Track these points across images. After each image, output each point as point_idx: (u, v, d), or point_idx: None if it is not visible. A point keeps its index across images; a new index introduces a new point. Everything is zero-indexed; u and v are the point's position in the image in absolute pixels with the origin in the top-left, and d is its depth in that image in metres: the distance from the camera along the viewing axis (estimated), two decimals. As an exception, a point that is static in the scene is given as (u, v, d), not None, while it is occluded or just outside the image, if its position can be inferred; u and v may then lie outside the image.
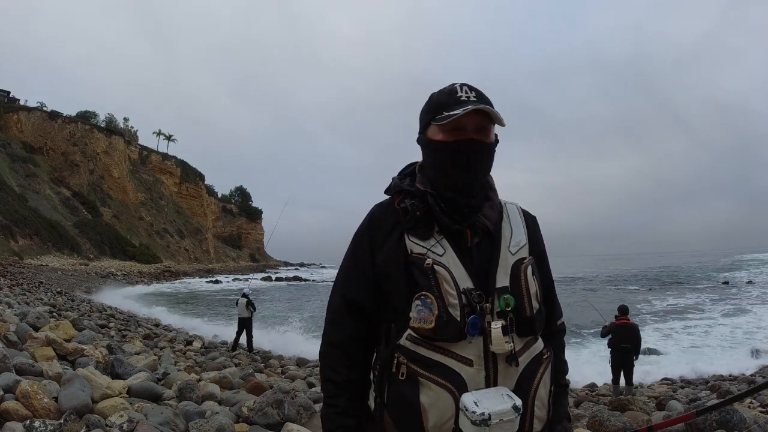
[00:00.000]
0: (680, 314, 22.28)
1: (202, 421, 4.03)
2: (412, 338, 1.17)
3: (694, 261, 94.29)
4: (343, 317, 1.31)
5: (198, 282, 53.82)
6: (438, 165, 1.25)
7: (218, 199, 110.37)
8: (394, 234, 1.25)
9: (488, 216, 1.26)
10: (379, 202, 1.35)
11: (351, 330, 1.29)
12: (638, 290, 37.05)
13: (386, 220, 1.28)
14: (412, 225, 1.22)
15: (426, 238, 1.20)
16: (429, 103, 1.29)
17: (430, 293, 1.14)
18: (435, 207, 1.22)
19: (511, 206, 1.35)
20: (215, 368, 8.82)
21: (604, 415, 5.09)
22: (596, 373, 11.98)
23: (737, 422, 4.39)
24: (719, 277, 45.82)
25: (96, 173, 75.06)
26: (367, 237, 1.30)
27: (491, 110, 1.20)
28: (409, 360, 1.16)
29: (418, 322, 1.15)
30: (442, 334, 1.13)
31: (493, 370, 1.14)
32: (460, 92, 1.22)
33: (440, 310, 1.12)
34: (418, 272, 1.17)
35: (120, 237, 67.88)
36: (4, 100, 74.47)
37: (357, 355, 1.29)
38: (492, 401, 1.08)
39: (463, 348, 1.13)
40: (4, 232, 44.85)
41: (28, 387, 3.61)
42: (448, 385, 1.11)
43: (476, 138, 1.22)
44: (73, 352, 5.67)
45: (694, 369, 12.10)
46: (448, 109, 1.20)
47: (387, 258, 1.24)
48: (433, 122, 1.23)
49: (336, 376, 1.29)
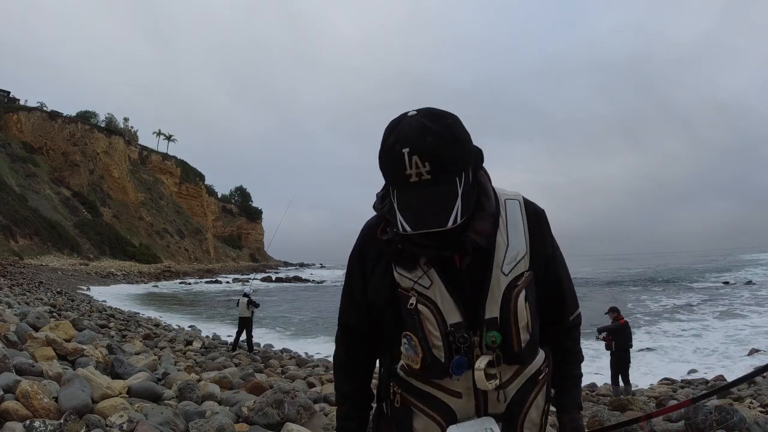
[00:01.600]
0: (679, 314, 22.28)
1: (202, 421, 4.03)
2: (404, 369, 1.20)
3: (694, 261, 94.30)
4: (341, 338, 1.37)
5: (198, 282, 53.85)
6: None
7: (218, 199, 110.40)
8: (381, 262, 1.21)
9: (479, 230, 1.11)
10: (369, 221, 1.28)
11: (349, 351, 1.36)
12: (635, 290, 37.04)
13: (372, 248, 1.23)
14: (395, 258, 1.15)
15: (412, 269, 1.14)
16: (381, 157, 1.08)
17: (414, 334, 1.13)
18: (413, 247, 1.11)
19: (512, 203, 1.20)
20: (215, 368, 8.82)
21: (604, 415, 5.09)
22: (592, 373, 12.00)
23: (737, 422, 4.39)
24: (719, 276, 45.84)
25: (96, 173, 75.08)
26: (357, 262, 1.29)
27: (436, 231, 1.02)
28: (403, 390, 1.20)
29: (405, 359, 1.17)
30: (429, 374, 1.15)
31: (483, 399, 1.15)
32: (409, 168, 1.02)
33: (424, 352, 1.12)
34: (404, 310, 1.14)
35: (120, 237, 67.90)
36: (4, 100, 74.49)
37: (356, 373, 1.36)
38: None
39: (450, 383, 1.14)
40: (4, 232, 44.86)
41: (28, 387, 3.61)
42: (436, 416, 1.16)
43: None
44: (73, 352, 5.67)
45: (694, 369, 12.11)
46: (399, 191, 1.05)
47: (375, 289, 1.23)
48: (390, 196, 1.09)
49: (341, 387, 1.38)
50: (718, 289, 33.86)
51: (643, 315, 22.21)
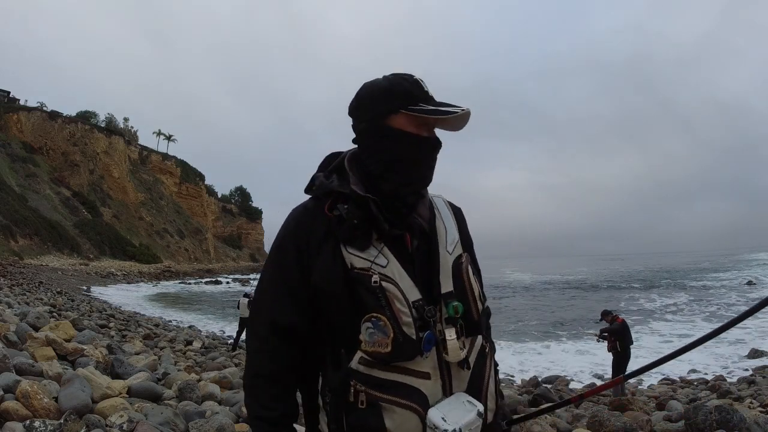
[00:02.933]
0: (679, 314, 22.27)
1: (202, 421, 4.03)
2: (365, 361, 1.08)
3: (695, 261, 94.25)
4: (273, 346, 1.15)
5: (198, 282, 53.81)
6: (401, 158, 1.14)
7: (218, 199, 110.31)
8: (326, 245, 1.12)
9: (423, 215, 1.19)
10: (303, 205, 1.21)
11: (283, 359, 1.15)
12: (633, 290, 37.02)
13: (315, 226, 1.14)
14: (348, 235, 1.09)
15: (365, 248, 1.09)
16: (391, 88, 1.15)
17: (382, 314, 1.06)
18: (379, 216, 1.10)
19: (438, 200, 1.28)
20: (215, 368, 8.81)
21: (604, 415, 5.09)
22: (592, 373, 12.01)
23: (737, 422, 4.39)
24: (719, 276, 45.84)
25: (96, 173, 75.04)
26: (293, 250, 1.15)
27: (469, 117, 1.15)
28: (367, 386, 1.07)
29: (371, 345, 1.06)
30: (399, 356, 1.07)
31: (448, 377, 1.12)
32: (424, 86, 1.17)
33: (395, 332, 1.05)
34: (364, 291, 1.07)
35: (120, 237, 67.87)
36: (4, 100, 74.45)
37: (291, 386, 1.17)
38: (458, 413, 1.07)
39: (419, 363, 1.08)
40: (4, 232, 44.85)
41: (28, 387, 3.60)
42: (411, 404, 1.07)
43: (435, 137, 1.19)
44: (73, 352, 5.67)
45: (694, 369, 12.11)
46: (423, 102, 1.13)
47: (323, 275, 1.11)
48: (405, 111, 1.12)
49: (269, 413, 1.14)
50: (720, 289, 33.84)
51: (643, 315, 22.20)
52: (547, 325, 20.26)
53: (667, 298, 29.75)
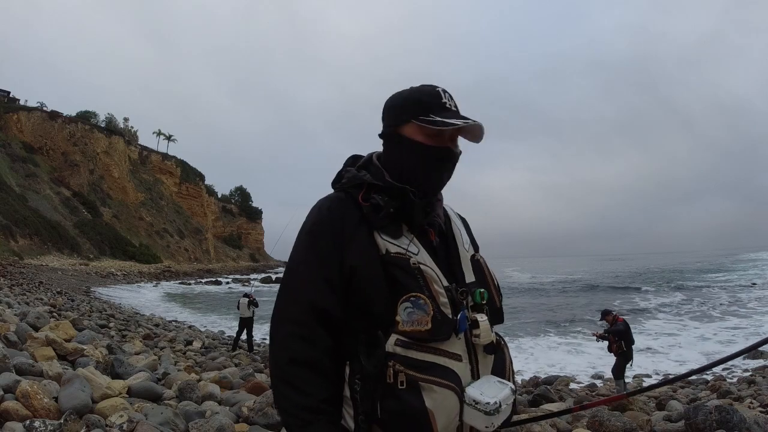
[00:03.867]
0: (679, 314, 22.27)
1: (202, 421, 4.03)
2: (402, 343, 1.10)
3: (694, 261, 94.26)
4: (313, 330, 1.14)
5: (198, 282, 53.77)
6: (416, 167, 1.23)
7: (218, 199, 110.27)
8: (360, 232, 1.17)
9: (440, 215, 1.30)
10: (333, 196, 1.25)
11: (323, 343, 1.14)
12: (629, 289, 36.99)
13: (349, 216, 1.18)
14: (384, 223, 1.17)
15: (398, 237, 1.17)
16: (408, 98, 1.23)
17: (422, 294, 1.12)
18: (417, 204, 1.20)
19: (448, 208, 1.39)
20: (215, 368, 8.82)
21: (604, 415, 5.09)
22: (591, 373, 11.99)
23: (737, 422, 4.39)
24: (719, 277, 45.81)
25: (96, 173, 75.03)
26: (329, 235, 1.17)
27: (483, 129, 1.22)
28: (406, 367, 1.09)
29: (410, 325, 1.10)
30: (438, 333, 1.12)
31: (476, 362, 1.19)
32: (444, 98, 1.22)
33: (434, 311, 1.12)
34: (402, 273, 1.13)
35: (120, 237, 67.87)
36: (4, 100, 74.41)
37: (331, 372, 1.15)
38: (493, 389, 1.15)
39: (452, 345, 1.15)
40: (4, 232, 44.84)
41: (28, 387, 3.61)
42: (450, 384, 1.11)
43: (452, 148, 1.24)
44: (73, 352, 5.67)
45: (693, 368, 12.07)
46: (435, 113, 1.19)
47: (361, 258, 1.14)
48: (416, 121, 1.20)
49: (308, 400, 1.11)
50: (714, 289, 33.80)
51: (635, 314, 22.19)
52: (547, 324, 20.25)
53: (662, 297, 29.75)
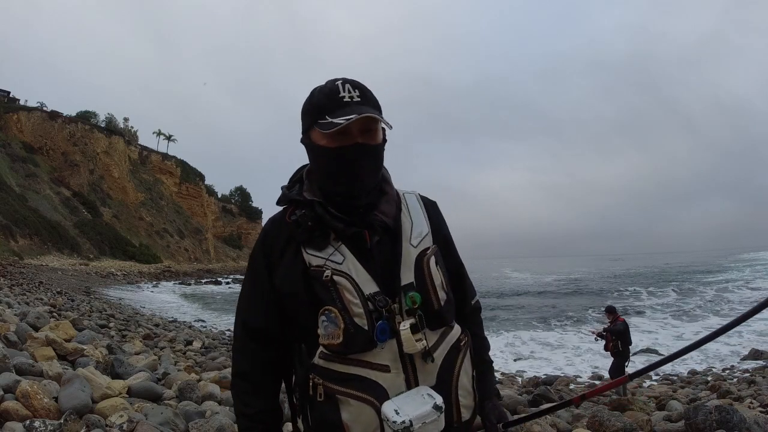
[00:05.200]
0: (678, 314, 22.27)
1: (202, 421, 4.03)
2: (324, 355, 1.13)
3: (694, 261, 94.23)
4: (246, 345, 1.24)
5: (199, 282, 53.75)
6: (324, 171, 1.20)
7: (218, 199, 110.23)
8: (289, 249, 1.19)
9: (385, 211, 1.23)
10: (272, 217, 1.29)
11: (256, 358, 1.23)
12: (625, 289, 36.98)
13: (279, 235, 1.22)
14: (305, 237, 1.16)
15: (323, 248, 1.16)
16: (310, 101, 1.21)
17: (333, 307, 1.10)
18: (324, 215, 1.17)
19: (410, 196, 1.32)
20: (215, 368, 8.81)
21: (604, 415, 5.09)
22: (590, 373, 11.99)
23: (737, 422, 4.39)
24: (720, 277, 45.81)
25: (96, 173, 75.02)
26: (261, 257, 1.24)
27: (372, 118, 1.13)
28: (325, 379, 1.12)
29: (326, 338, 1.11)
30: (352, 346, 1.10)
31: (412, 370, 1.12)
32: (342, 91, 1.16)
33: (346, 323, 1.09)
34: (318, 286, 1.13)
35: (120, 237, 67.87)
36: (4, 100, 74.40)
37: (266, 384, 1.24)
38: (412, 405, 1.06)
39: (376, 355, 1.11)
40: (4, 232, 44.84)
41: (28, 387, 3.61)
42: (367, 397, 1.09)
43: (362, 142, 1.16)
44: (73, 352, 5.67)
45: (695, 369, 12.11)
46: (331, 113, 1.14)
47: (284, 276, 1.19)
48: (316, 126, 1.17)
49: (247, 409, 1.22)
50: (711, 288, 33.79)
51: (628, 313, 22.20)
52: (546, 324, 20.26)
53: (656, 297, 29.80)
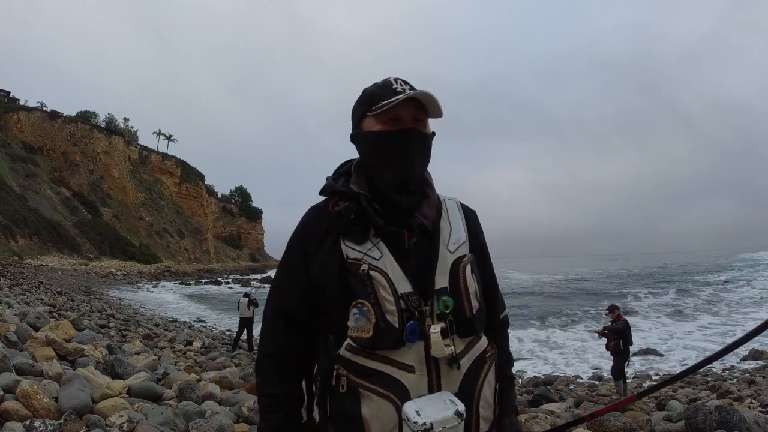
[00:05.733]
0: (678, 314, 22.28)
1: (202, 421, 4.03)
2: (351, 348, 1.13)
3: (694, 261, 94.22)
4: (277, 327, 1.26)
5: (199, 282, 53.74)
6: (376, 157, 1.22)
7: (218, 199, 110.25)
8: (327, 239, 1.20)
9: (426, 214, 1.23)
10: (314, 206, 1.30)
11: (286, 341, 1.25)
12: (623, 289, 36.96)
13: (319, 224, 1.23)
14: (346, 229, 1.17)
15: (362, 242, 1.16)
16: (362, 96, 1.26)
17: (367, 301, 1.11)
18: (368, 209, 1.17)
19: (450, 202, 1.33)
20: (215, 368, 8.81)
21: (604, 415, 5.08)
22: (591, 373, 11.99)
23: (737, 422, 4.39)
24: (720, 276, 45.80)
25: (96, 173, 75.03)
26: (299, 244, 1.25)
27: (430, 96, 1.16)
28: (349, 371, 1.12)
29: (356, 331, 1.11)
30: (380, 342, 1.10)
31: (436, 375, 1.11)
32: (395, 84, 1.21)
33: (377, 318, 1.09)
34: (354, 279, 1.13)
35: (120, 237, 67.87)
36: (4, 100, 74.39)
37: (293, 368, 1.25)
38: (434, 408, 1.05)
39: (403, 355, 1.10)
40: (4, 232, 44.83)
41: (28, 387, 3.61)
42: (389, 394, 1.08)
43: (417, 127, 1.20)
44: (73, 352, 5.67)
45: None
46: (384, 100, 1.18)
47: (321, 266, 1.19)
48: (369, 114, 1.21)
49: (272, 390, 1.24)
50: (722, 289, 33.79)
51: (636, 315, 22.20)
52: (546, 324, 20.26)
53: (653, 297, 29.81)
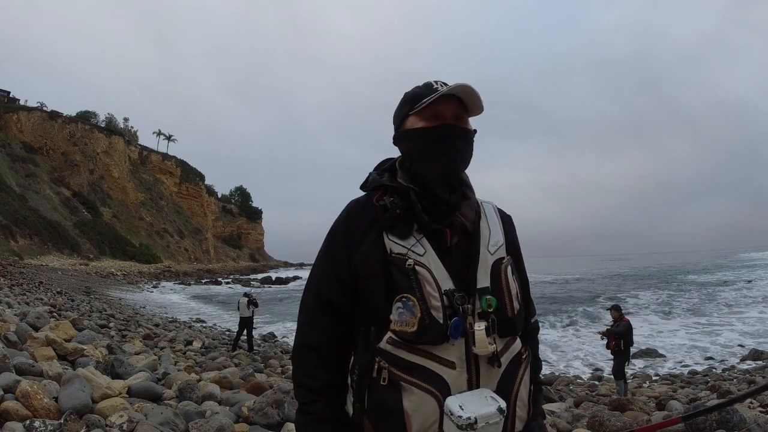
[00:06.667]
0: (678, 314, 22.27)
1: (202, 421, 4.03)
2: (392, 341, 1.13)
3: (694, 261, 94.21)
4: (318, 318, 1.25)
5: (199, 282, 53.75)
6: (419, 153, 1.24)
7: (218, 199, 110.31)
8: (371, 232, 1.21)
9: (466, 215, 1.25)
10: (356, 198, 1.32)
11: (327, 332, 1.24)
12: (622, 289, 36.96)
13: (363, 217, 1.24)
14: (391, 223, 1.18)
15: (405, 237, 1.17)
16: (404, 98, 1.30)
17: (412, 295, 1.11)
18: (417, 204, 1.19)
19: (488, 205, 1.34)
20: (215, 368, 8.81)
21: (604, 415, 5.09)
22: (591, 373, 11.99)
23: (737, 422, 4.39)
24: (721, 276, 45.82)
25: (96, 173, 75.06)
26: (342, 234, 1.26)
27: (469, 87, 1.19)
28: (391, 364, 1.12)
29: (399, 324, 1.11)
30: (424, 337, 1.10)
31: (476, 372, 1.12)
32: (435, 85, 1.25)
33: (423, 313, 1.10)
34: (399, 273, 1.14)
35: (120, 237, 67.88)
36: (4, 100, 74.41)
37: (333, 359, 1.24)
38: (477, 404, 1.06)
39: (445, 350, 1.10)
40: (4, 232, 44.83)
41: (28, 387, 3.61)
42: (431, 389, 1.08)
43: (456, 123, 1.24)
44: (73, 352, 5.67)
45: (695, 369, 12.10)
46: (426, 97, 1.22)
47: (365, 257, 1.19)
48: (411, 113, 1.25)
49: (311, 382, 1.22)
50: (723, 289, 33.79)
51: (641, 315, 22.20)
52: (546, 324, 20.25)
53: (650, 297, 29.81)
